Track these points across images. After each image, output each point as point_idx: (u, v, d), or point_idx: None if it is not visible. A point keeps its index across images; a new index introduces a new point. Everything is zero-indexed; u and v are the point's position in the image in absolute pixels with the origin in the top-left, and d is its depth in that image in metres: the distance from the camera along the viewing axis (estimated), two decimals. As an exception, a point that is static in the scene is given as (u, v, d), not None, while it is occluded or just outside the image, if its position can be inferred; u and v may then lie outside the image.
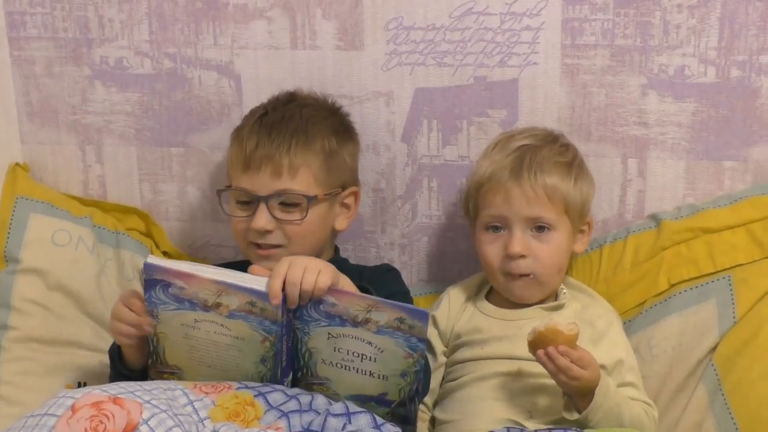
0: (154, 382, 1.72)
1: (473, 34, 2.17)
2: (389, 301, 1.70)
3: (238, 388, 1.71)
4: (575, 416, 1.84)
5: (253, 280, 1.73)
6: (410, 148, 2.26)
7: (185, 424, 1.59)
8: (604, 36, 2.16)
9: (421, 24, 2.17)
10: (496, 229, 2.02)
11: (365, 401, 1.77)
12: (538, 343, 1.81)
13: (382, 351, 1.73)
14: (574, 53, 2.17)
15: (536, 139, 2.06)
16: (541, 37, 2.16)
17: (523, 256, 1.98)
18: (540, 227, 1.99)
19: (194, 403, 1.66)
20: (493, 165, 2.03)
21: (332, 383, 1.78)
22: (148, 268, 1.74)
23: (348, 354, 1.75)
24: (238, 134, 2.04)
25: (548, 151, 2.03)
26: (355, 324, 1.72)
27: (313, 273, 1.71)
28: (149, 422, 1.56)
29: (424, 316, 1.69)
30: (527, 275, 2.00)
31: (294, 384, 1.81)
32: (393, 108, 2.23)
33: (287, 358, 1.78)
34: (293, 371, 1.80)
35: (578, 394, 1.84)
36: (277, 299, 1.70)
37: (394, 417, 1.78)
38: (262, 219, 1.95)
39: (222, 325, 1.74)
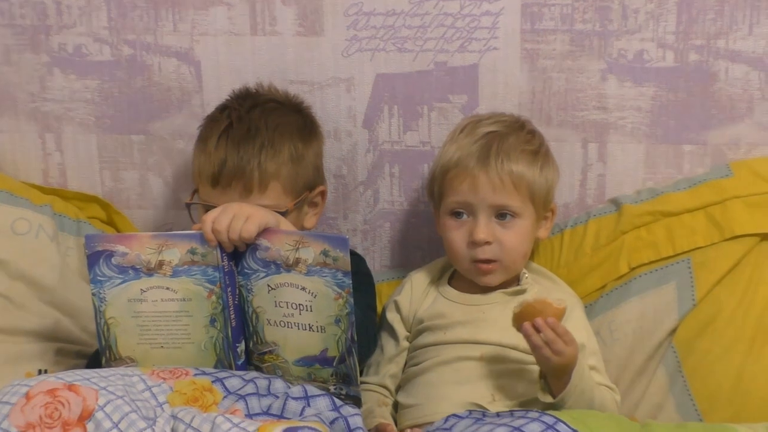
0: (111, 369, 1.73)
1: (433, 20, 2.17)
2: (311, 233, 1.78)
3: (196, 374, 1.71)
4: (549, 399, 1.84)
5: (188, 233, 1.80)
6: (371, 134, 2.26)
7: (142, 410, 1.59)
8: (564, 21, 2.16)
9: (381, 10, 2.17)
10: (459, 215, 2.02)
11: (310, 363, 1.79)
12: (525, 316, 1.80)
13: (315, 296, 1.75)
14: (533, 38, 2.18)
15: (503, 126, 2.05)
16: (500, 22, 2.17)
17: (488, 243, 1.98)
18: (503, 215, 1.99)
19: (152, 389, 1.66)
20: (460, 150, 2.03)
21: (280, 348, 1.81)
22: (89, 239, 1.78)
23: (288, 307, 1.77)
24: (204, 146, 2.02)
25: (515, 138, 2.02)
26: (288, 268, 1.75)
27: (240, 220, 1.76)
28: (105, 408, 1.56)
29: (343, 242, 1.72)
30: (492, 261, 2.00)
31: (247, 356, 1.83)
32: (354, 94, 2.23)
33: (236, 316, 1.80)
34: (245, 339, 1.83)
35: (555, 375, 1.83)
36: (212, 241, 1.75)
37: (338, 378, 1.79)
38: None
39: (167, 288, 1.78)
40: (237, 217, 1.76)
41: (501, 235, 1.98)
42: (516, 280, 2.07)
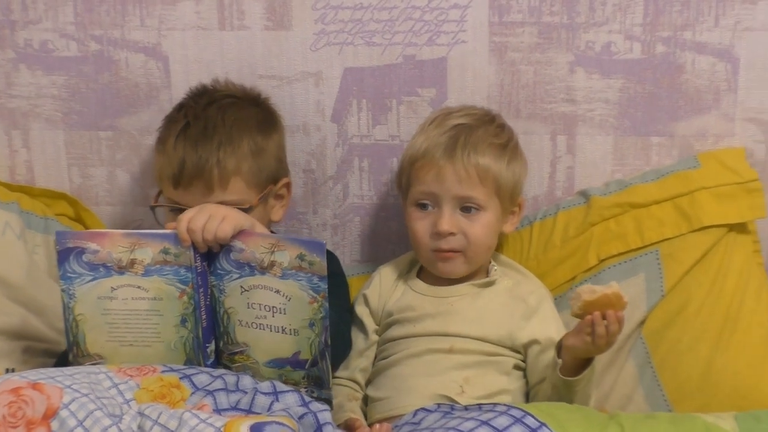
0: (77, 367, 1.74)
1: (401, 13, 2.17)
2: (288, 236, 1.79)
3: (163, 371, 1.71)
4: (569, 377, 1.85)
5: (161, 232, 1.80)
6: (340, 128, 2.26)
7: (108, 407, 1.59)
8: (531, 13, 2.16)
9: (349, 3, 2.17)
10: (425, 206, 2.02)
11: (282, 365, 1.80)
12: (597, 305, 1.79)
13: (289, 299, 1.75)
14: (501, 31, 2.18)
15: (473, 119, 2.06)
16: (468, 15, 2.17)
17: (452, 234, 1.99)
18: (468, 207, 1.99)
19: (119, 386, 1.66)
20: (428, 141, 2.03)
21: (251, 349, 1.81)
22: (60, 236, 1.78)
23: (261, 309, 1.78)
24: (162, 147, 2.02)
25: (483, 131, 2.03)
26: (263, 270, 1.76)
27: (216, 220, 1.76)
28: (70, 406, 1.56)
29: (320, 247, 1.72)
30: (456, 251, 2.00)
31: (217, 356, 1.83)
32: (322, 88, 2.23)
33: (207, 317, 1.80)
34: (215, 339, 1.83)
35: (578, 365, 1.85)
36: (186, 241, 1.75)
37: (310, 381, 1.79)
38: None
39: (139, 287, 1.78)
40: (213, 217, 1.76)
41: (465, 227, 1.99)
42: (485, 272, 2.08)
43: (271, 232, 2.11)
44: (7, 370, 1.99)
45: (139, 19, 2.20)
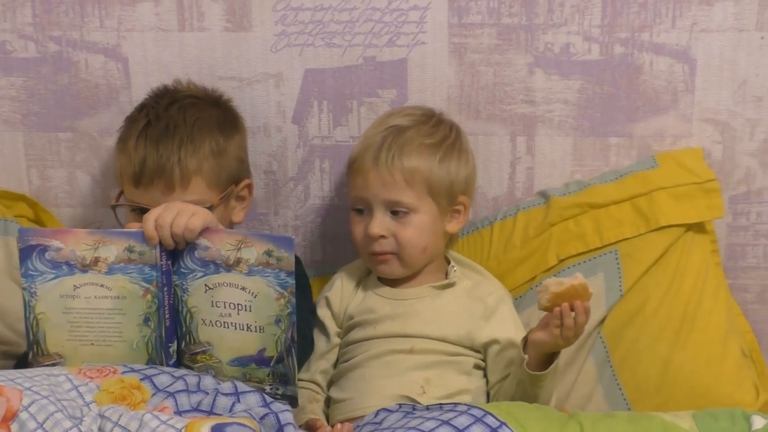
0: (37, 369, 1.72)
1: (361, 15, 2.18)
2: (255, 232, 1.78)
3: (124, 372, 1.70)
4: (536, 372, 1.87)
5: (127, 231, 1.80)
6: (301, 130, 2.25)
7: (69, 409, 1.58)
8: (491, 15, 2.17)
9: (309, 5, 2.17)
10: (360, 211, 2.04)
11: (246, 363, 1.79)
12: (565, 296, 1.80)
13: (255, 296, 1.75)
14: (461, 32, 2.18)
15: (410, 119, 2.06)
16: (428, 16, 2.17)
17: (382, 236, 2.00)
18: (397, 211, 2.00)
19: (79, 388, 1.64)
20: (362, 144, 2.06)
21: (214, 349, 1.80)
22: (23, 233, 1.77)
23: (225, 307, 1.78)
24: (123, 146, 2.02)
25: (414, 132, 2.03)
26: (228, 267, 1.76)
27: (185, 216, 1.77)
28: (29, 409, 1.55)
29: (289, 243, 1.72)
30: (390, 254, 2.01)
31: (178, 355, 1.83)
32: (283, 89, 2.23)
33: (170, 316, 1.80)
34: (177, 339, 1.82)
35: (547, 354, 1.86)
36: (153, 239, 1.75)
37: (275, 377, 1.79)
38: None
39: (102, 285, 1.77)
40: (181, 213, 1.76)
41: (396, 230, 2.00)
42: (443, 273, 2.08)
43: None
44: (-34, 373, 2.00)
45: (99, 20, 2.19)
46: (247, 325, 1.77)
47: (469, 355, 1.99)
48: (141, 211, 1.95)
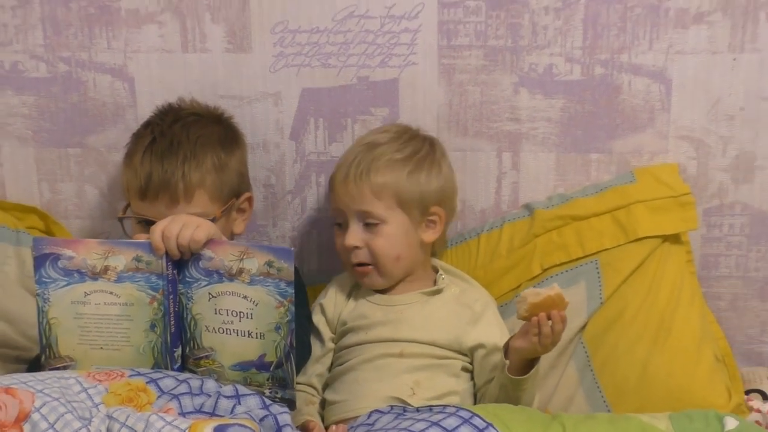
0: (48, 372, 1.71)
1: (355, 37, 2.18)
2: (257, 243, 1.79)
3: (131, 375, 1.69)
4: (517, 377, 1.86)
5: (135, 241, 1.80)
6: (298, 146, 2.25)
7: (78, 410, 1.58)
8: (478, 37, 2.17)
9: (305, 27, 2.17)
10: (340, 225, 2.06)
11: (247, 368, 1.79)
12: (542, 306, 1.80)
13: (256, 304, 1.75)
14: (450, 54, 2.18)
15: (385, 136, 2.08)
16: (419, 38, 2.17)
17: (357, 247, 2.01)
18: (369, 223, 2.01)
19: (88, 390, 1.64)
20: (340, 160, 2.08)
21: (217, 354, 1.80)
22: (37, 242, 1.77)
23: (228, 315, 1.77)
24: (130, 161, 2.02)
25: (386, 148, 2.04)
26: (231, 277, 1.76)
27: (190, 228, 1.76)
28: (41, 410, 1.55)
29: (288, 254, 1.72)
30: (366, 264, 2.03)
31: (183, 360, 1.82)
32: (281, 107, 2.22)
33: (175, 323, 1.80)
34: (182, 345, 1.82)
35: (527, 360, 1.86)
36: (160, 250, 1.75)
37: (274, 382, 1.79)
38: None
39: (111, 292, 1.77)
40: (186, 225, 1.76)
41: (369, 241, 2.01)
42: (432, 281, 2.09)
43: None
44: (-20, 376, 2.00)
45: (106, 41, 2.19)
46: (249, 331, 1.77)
47: (457, 358, 1.99)
48: (147, 224, 1.95)
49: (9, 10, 2.19)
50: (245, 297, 1.76)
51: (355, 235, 2.01)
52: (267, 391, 1.78)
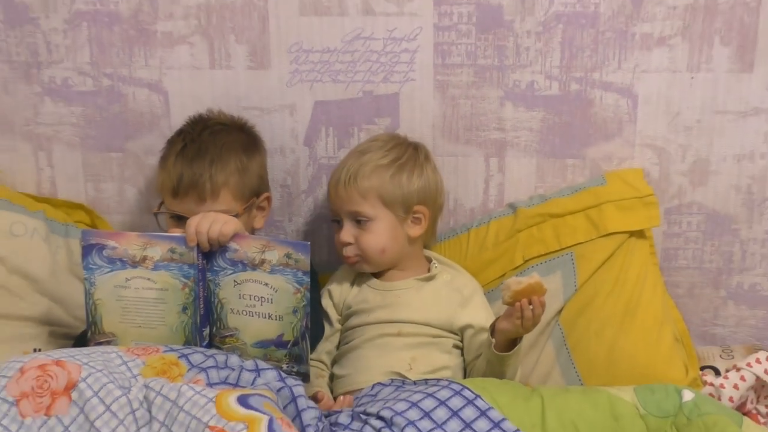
0: (93, 347, 1.72)
1: (361, 56, 2.17)
2: (277, 238, 1.76)
3: (165, 351, 1.71)
4: (504, 353, 1.87)
5: (170, 235, 1.80)
6: (311, 151, 2.25)
7: (119, 380, 1.60)
8: (468, 57, 2.17)
9: (318, 47, 2.17)
10: (337, 222, 2.06)
11: (267, 346, 1.80)
12: (524, 292, 1.80)
13: (276, 291, 1.76)
14: (444, 71, 2.18)
15: (375, 144, 2.07)
16: (417, 58, 2.17)
17: (349, 243, 2.02)
18: (359, 220, 2.01)
19: (127, 363, 1.65)
20: (336, 167, 2.07)
21: (240, 333, 1.81)
22: (85, 234, 1.79)
23: (250, 299, 1.78)
24: (164, 164, 2.02)
25: (372, 155, 2.03)
26: (254, 266, 1.77)
27: (219, 223, 1.78)
28: (87, 380, 1.57)
29: (305, 248, 1.74)
30: (356, 256, 2.03)
31: (210, 338, 1.83)
32: (296, 117, 2.22)
33: (204, 306, 1.80)
34: (209, 325, 1.82)
35: (512, 339, 1.87)
36: (193, 242, 1.76)
37: (291, 358, 1.80)
38: None
39: (149, 279, 1.78)
40: (216, 221, 1.77)
41: (359, 236, 2.01)
42: (426, 268, 2.09)
43: (254, 236, 2.14)
44: (35, 350, 2.01)
45: (144, 59, 2.20)
46: (269, 314, 1.78)
47: (449, 336, 2.00)
48: (178, 218, 1.97)
49: (61, 33, 2.19)
50: (266, 284, 1.77)
51: (347, 233, 2.02)
52: (284, 366, 1.79)
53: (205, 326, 1.82)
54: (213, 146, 2.01)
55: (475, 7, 2.14)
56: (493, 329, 1.89)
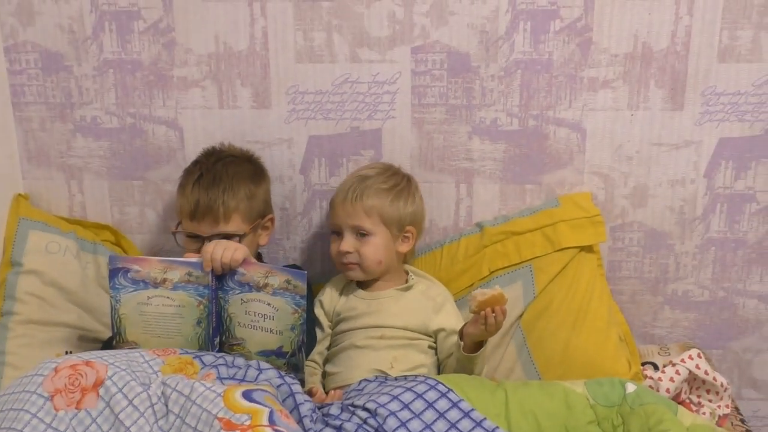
0: (118, 350, 1.72)
1: (349, 97, 2.17)
2: (279, 267, 1.76)
3: (181, 352, 1.72)
4: (471, 354, 1.87)
5: (188, 260, 1.79)
6: (306, 179, 2.25)
7: (140, 378, 1.60)
8: (441, 97, 2.17)
9: (311, 90, 2.17)
10: (337, 234, 2.04)
11: (269, 355, 1.79)
12: (488, 303, 1.79)
13: (277, 310, 1.76)
14: (420, 110, 2.18)
15: (373, 171, 2.07)
16: (397, 98, 2.17)
17: (349, 252, 2.01)
18: (361, 233, 2.01)
19: (149, 362, 1.66)
20: (339, 187, 2.07)
21: (246, 342, 1.80)
22: (112, 259, 1.78)
23: (255, 315, 1.77)
24: (182, 191, 2.01)
25: (374, 180, 2.03)
26: (258, 289, 1.76)
27: (230, 251, 1.78)
28: (112, 378, 1.58)
29: (302, 276, 1.73)
30: (354, 264, 2.02)
31: (220, 345, 1.82)
32: (293, 150, 2.22)
33: (216, 320, 1.79)
34: (219, 334, 1.82)
35: (477, 342, 1.86)
36: (208, 267, 1.76)
37: (288, 367, 1.79)
38: None
39: (168, 297, 1.77)
40: (227, 249, 1.77)
41: (359, 247, 2.00)
42: (404, 280, 2.08)
43: (259, 253, 2.10)
44: (67, 352, 2.02)
45: (162, 101, 2.20)
46: (271, 329, 1.78)
47: (425, 339, 1.99)
48: (194, 237, 1.96)
49: (91, 78, 2.20)
50: (269, 304, 1.77)
51: (349, 243, 2.00)
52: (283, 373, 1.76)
53: (216, 336, 1.81)
54: (225, 175, 2.00)
55: (446, 55, 2.14)
56: (461, 333, 1.88)
